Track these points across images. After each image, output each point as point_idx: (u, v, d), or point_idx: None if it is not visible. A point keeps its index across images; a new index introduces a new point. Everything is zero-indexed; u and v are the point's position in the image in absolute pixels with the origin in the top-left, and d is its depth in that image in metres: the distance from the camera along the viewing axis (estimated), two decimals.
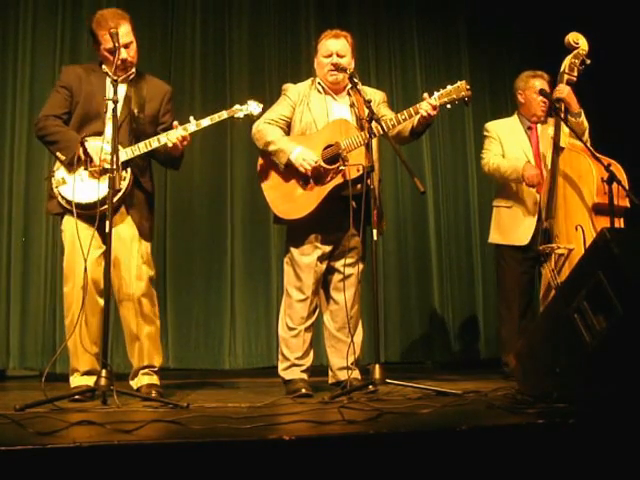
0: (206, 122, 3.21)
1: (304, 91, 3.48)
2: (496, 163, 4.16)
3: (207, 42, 5.48)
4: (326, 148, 3.30)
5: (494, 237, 4.29)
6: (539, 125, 4.26)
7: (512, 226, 4.16)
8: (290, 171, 3.32)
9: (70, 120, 3.20)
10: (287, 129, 3.46)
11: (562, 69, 3.92)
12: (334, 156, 3.27)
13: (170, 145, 3.15)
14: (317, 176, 3.29)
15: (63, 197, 3.11)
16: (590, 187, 3.63)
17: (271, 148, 3.34)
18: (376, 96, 3.49)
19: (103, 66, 3.28)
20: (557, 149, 3.80)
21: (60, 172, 3.14)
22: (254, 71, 5.51)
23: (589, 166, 3.68)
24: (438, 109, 3.26)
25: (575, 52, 3.90)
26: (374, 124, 3.15)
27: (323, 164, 3.27)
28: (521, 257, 4.14)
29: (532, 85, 4.21)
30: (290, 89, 3.50)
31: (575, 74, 3.91)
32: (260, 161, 3.45)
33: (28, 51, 4.96)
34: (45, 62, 4.99)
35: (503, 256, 4.24)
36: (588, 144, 3.78)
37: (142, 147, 3.15)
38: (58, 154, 3.13)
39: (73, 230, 3.01)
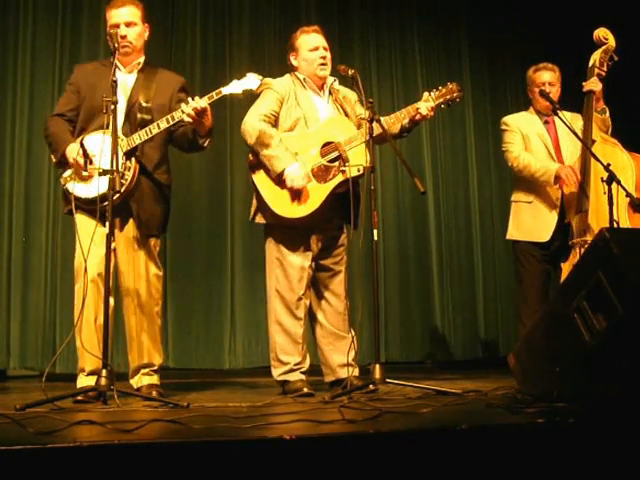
0: (204, 102, 3.07)
1: (289, 85, 3.43)
2: (527, 160, 4.01)
3: (207, 42, 5.49)
4: (324, 146, 3.31)
5: (512, 233, 4.16)
6: (556, 118, 4.18)
7: (533, 222, 4.04)
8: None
9: (79, 115, 3.18)
10: (275, 124, 3.39)
11: (592, 63, 3.91)
12: (333, 154, 3.29)
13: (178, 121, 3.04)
14: (319, 174, 3.29)
15: (70, 193, 3.05)
16: (628, 182, 3.54)
17: (268, 152, 3.24)
18: (353, 96, 3.52)
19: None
20: (588, 142, 3.73)
21: (68, 170, 3.11)
22: (254, 70, 5.50)
23: (627, 160, 3.61)
24: (435, 110, 3.39)
25: (604, 47, 3.91)
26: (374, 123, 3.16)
27: (312, 180, 3.26)
28: (540, 254, 4.04)
29: (533, 80, 4.20)
30: (274, 83, 3.43)
31: (605, 69, 3.91)
32: (251, 157, 3.36)
33: (28, 52, 4.97)
34: (45, 63, 5.00)
35: (522, 253, 4.11)
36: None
37: (142, 134, 3.05)
38: (52, 156, 3.15)
39: (81, 227, 2.98)
